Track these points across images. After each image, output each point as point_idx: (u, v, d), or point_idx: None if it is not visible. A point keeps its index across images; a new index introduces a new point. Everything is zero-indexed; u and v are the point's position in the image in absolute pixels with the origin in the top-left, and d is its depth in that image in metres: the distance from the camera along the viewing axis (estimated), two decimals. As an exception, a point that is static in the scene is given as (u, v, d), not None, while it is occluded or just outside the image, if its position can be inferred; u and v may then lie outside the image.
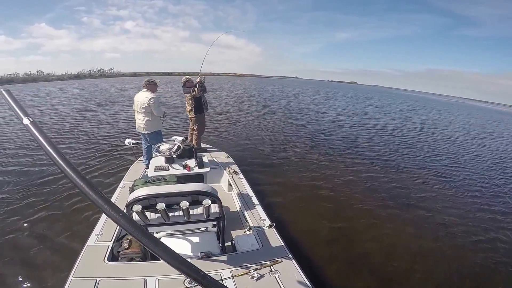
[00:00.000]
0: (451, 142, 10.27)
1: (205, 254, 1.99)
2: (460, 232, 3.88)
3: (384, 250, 3.32)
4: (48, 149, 0.73)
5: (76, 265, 1.89)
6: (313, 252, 3.07)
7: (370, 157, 7.07)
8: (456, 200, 4.95)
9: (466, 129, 15.31)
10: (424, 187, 5.39)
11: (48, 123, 8.63)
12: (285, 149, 7.26)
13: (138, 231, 0.68)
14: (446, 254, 3.34)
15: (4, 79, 32.65)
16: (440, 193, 5.17)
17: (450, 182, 5.81)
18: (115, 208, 0.69)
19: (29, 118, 0.77)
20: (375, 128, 11.67)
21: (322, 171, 5.70)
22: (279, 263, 1.99)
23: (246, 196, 3.06)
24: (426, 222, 4.06)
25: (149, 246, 0.67)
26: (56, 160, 0.72)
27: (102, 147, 6.33)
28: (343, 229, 3.67)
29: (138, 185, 2.31)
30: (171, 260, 0.67)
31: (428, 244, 3.52)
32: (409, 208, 4.42)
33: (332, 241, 3.39)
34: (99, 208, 0.69)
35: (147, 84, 3.84)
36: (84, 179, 0.71)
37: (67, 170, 0.71)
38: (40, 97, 15.50)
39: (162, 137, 3.99)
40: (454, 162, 7.50)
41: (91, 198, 0.69)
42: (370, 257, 3.15)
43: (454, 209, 4.56)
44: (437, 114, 22.36)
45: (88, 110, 11.44)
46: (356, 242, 3.43)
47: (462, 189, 5.47)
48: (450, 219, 4.18)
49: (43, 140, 0.74)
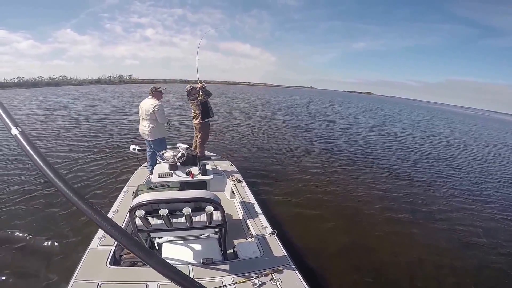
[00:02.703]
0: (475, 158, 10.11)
1: (206, 261, 2.04)
2: (481, 245, 3.86)
3: (395, 264, 3.30)
4: (37, 160, 0.73)
5: (79, 268, 1.96)
6: (315, 262, 3.10)
7: (379, 167, 7.08)
8: (477, 213, 4.95)
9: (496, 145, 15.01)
10: (443, 200, 5.39)
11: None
12: (289, 157, 7.35)
13: (131, 242, 0.69)
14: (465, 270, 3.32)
15: (29, 82, 34.44)
16: (461, 207, 5.16)
17: (474, 196, 5.81)
18: (106, 219, 0.72)
19: (18, 128, 0.77)
20: (385, 137, 11.74)
21: (327, 181, 5.75)
22: (280, 271, 2.03)
23: (249, 204, 3.14)
24: (444, 236, 4.04)
25: (142, 257, 0.68)
26: (45, 171, 0.73)
27: (108, 151, 6.62)
28: (347, 240, 3.68)
29: (142, 190, 2.41)
30: (166, 271, 0.68)
31: (448, 260, 3.48)
32: (421, 221, 4.40)
33: (336, 251, 3.41)
34: (89, 218, 0.70)
35: (153, 91, 4.01)
36: (74, 190, 0.72)
37: (56, 182, 0.72)
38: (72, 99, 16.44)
39: (166, 144, 4.13)
40: (476, 175, 7.47)
41: (81, 209, 0.70)
42: (376, 270, 3.15)
43: (472, 221, 4.56)
44: (461, 128, 22.09)
45: (103, 114, 12.08)
46: (362, 254, 3.42)
47: (486, 204, 5.45)
48: (472, 233, 4.19)
49: (31, 151, 0.74)
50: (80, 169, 5.41)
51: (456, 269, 3.32)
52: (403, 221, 4.36)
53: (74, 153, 6.44)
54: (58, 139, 7.76)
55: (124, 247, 0.71)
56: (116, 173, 5.20)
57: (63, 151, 6.58)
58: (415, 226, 4.22)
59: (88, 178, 4.97)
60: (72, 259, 2.73)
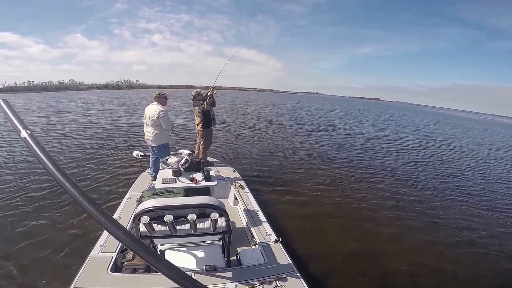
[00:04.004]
0: (480, 162, 10.09)
1: (210, 268, 2.05)
2: (491, 251, 3.86)
3: (402, 272, 3.26)
4: (47, 163, 0.74)
5: (79, 274, 1.97)
6: (320, 269, 3.08)
7: (386, 174, 7.04)
8: (489, 219, 4.95)
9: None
10: (454, 206, 5.37)
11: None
12: (293, 163, 7.37)
13: (139, 245, 0.70)
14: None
15: (39, 86, 35.43)
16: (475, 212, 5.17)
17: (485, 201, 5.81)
18: (114, 223, 0.72)
19: (27, 131, 0.77)
20: (389, 143, 11.71)
21: (331, 187, 5.75)
22: (284, 278, 2.03)
23: (252, 211, 3.14)
24: (453, 243, 4.02)
25: (151, 262, 0.69)
26: (54, 174, 0.73)
27: (112, 156, 6.72)
28: (353, 247, 3.67)
29: (146, 196, 2.44)
30: (174, 275, 0.69)
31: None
32: (430, 228, 4.38)
33: (341, 259, 3.39)
34: (98, 223, 0.70)
35: (158, 97, 4.06)
36: (83, 193, 0.73)
37: (66, 185, 0.72)
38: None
39: (169, 150, 4.15)
40: (483, 180, 7.45)
41: (90, 213, 0.71)
42: (383, 278, 3.12)
43: (483, 228, 4.55)
44: (469, 132, 22.01)
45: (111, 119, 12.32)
46: (368, 261, 3.40)
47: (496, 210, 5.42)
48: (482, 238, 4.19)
49: (41, 154, 0.75)
50: (82, 174, 5.47)
51: (465, 277, 3.28)
52: (411, 228, 4.33)
53: (77, 155, 6.53)
54: (64, 141, 7.86)
55: (134, 252, 0.72)
56: (118, 179, 5.24)
57: (67, 153, 6.66)
58: (423, 233, 4.19)
59: (89, 183, 5.02)
60: (72, 266, 2.74)
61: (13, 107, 0.82)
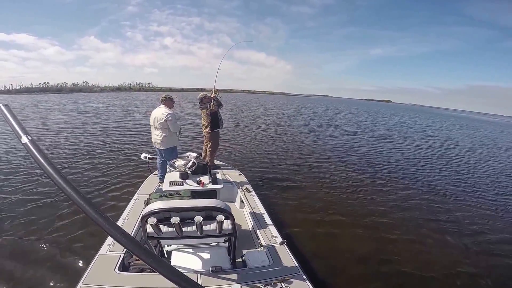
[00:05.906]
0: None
1: (215, 269, 2.09)
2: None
3: (411, 276, 3.25)
4: (48, 169, 0.75)
5: (87, 272, 2.04)
6: (326, 272, 3.10)
7: (396, 176, 6.95)
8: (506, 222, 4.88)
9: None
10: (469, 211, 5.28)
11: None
12: (299, 166, 7.39)
13: (138, 247, 0.72)
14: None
15: (54, 88, 37.13)
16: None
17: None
18: (116, 227, 0.73)
19: (28, 137, 0.77)
20: (401, 145, 11.51)
21: (338, 190, 5.76)
22: (289, 280, 2.05)
23: (258, 214, 3.18)
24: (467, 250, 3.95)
25: (152, 265, 0.71)
26: (56, 180, 0.74)
27: (120, 158, 6.93)
28: (360, 250, 3.67)
29: (154, 198, 2.51)
30: (173, 276, 0.71)
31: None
32: (443, 232, 4.31)
33: (348, 261, 3.40)
34: (99, 226, 0.72)
35: (164, 100, 4.14)
36: (84, 198, 0.74)
37: (67, 190, 0.73)
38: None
39: (177, 153, 4.25)
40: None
41: (91, 216, 0.72)
42: (392, 281, 3.12)
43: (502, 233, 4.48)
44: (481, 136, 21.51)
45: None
46: (376, 265, 3.39)
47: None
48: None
49: (42, 160, 0.75)
50: (90, 175, 5.65)
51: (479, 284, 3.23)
52: (422, 232, 4.29)
53: (85, 159, 6.73)
54: (70, 143, 8.12)
55: (133, 254, 0.75)
56: (126, 180, 5.39)
57: (71, 155, 6.89)
58: (435, 238, 4.14)
59: (97, 184, 5.19)
60: (80, 265, 2.87)
61: (14, 112, 0.82)
